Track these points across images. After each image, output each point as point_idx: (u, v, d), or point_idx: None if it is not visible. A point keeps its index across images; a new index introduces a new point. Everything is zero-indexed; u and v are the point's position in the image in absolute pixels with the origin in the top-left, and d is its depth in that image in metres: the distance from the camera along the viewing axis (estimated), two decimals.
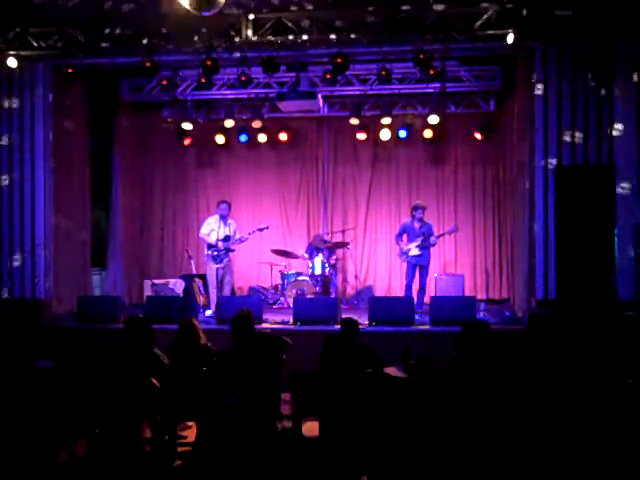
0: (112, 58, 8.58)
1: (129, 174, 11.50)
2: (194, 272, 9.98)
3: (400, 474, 3.44)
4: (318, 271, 9.98)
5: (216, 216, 9.20)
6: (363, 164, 11.59)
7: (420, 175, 11.48)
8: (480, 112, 10.79)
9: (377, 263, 11.57)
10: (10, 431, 4.21)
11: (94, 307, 8.56)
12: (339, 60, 7.95)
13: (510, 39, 7.59)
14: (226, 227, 9.10)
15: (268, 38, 8.07)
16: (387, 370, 5.30)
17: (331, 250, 10.48)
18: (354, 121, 10.62)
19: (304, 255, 10.41)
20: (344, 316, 6.59)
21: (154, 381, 4.74)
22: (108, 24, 8.12)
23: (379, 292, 11.18)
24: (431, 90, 10.21)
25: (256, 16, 7.99)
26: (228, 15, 7.87)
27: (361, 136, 10.97)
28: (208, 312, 9.05)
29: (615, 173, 7.58)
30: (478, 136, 10.55)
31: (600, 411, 4.05)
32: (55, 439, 4.39)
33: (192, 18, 7.54)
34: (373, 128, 10.87)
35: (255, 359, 5.14)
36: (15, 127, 8.82)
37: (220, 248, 8.98)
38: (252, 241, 10.91)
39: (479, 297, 10.21)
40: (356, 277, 11.24)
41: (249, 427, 4.03)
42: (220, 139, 11.11)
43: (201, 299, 9.66)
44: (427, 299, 9.03)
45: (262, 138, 11.17)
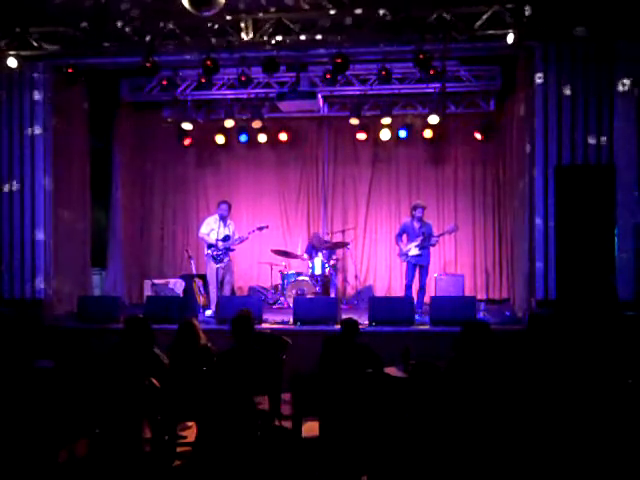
0: (112, 58, 8.58)
1: (129, 174, 11.50)
2: (194, 272, 9.98)
3: (400, 474, 3.44)
4: (318, 271, 9.97)
5: (216, 216, 9.21)
6: (363, 164, 11.59)
7: (420, 175, 11.48)
8: (480, 112, 10.79)
9: (377, 263, 11.57)
10: (10, 431, 4.21)
11: (94, 307, 8.56)
12: (339, 60, 7.95)
13: (510, 39, 7.59)
14: (226, 227, 9.11)
15: (268, 38, 8.07)
16: (387, 370, 5.30)
17: (331, 250, 10.47)
18: (354, 121, 10.62)
19: (303, 255, 10.41)
20: (344, 316, 6.59)
21: (154, 381, 4.74)
22: (108, 24, 8.11)
23: (379, 292, 11.18)
24: (431, 90, 10.21)
25: (256, 16, 7.99)
26: (228, 15, 7.87)
27: (361, 136, 10.97)
28: (208, 312, 9.05)
29: (615, 173, 7.58)
30: (478, 136, 10.55)
31: (600, 411, 4.05)
32: (55, 439, 4.39)
33: (192, 18, 7.59)
34: (373, 128, 10.86)
35: (255, 359, 5.15)
36: (15, 127, 8.82)
37: (220, 248, 8.98)
38: (252, 241, 10.91)
39: (479, 297, 10.21)
40: (356, 277, 11.24)
41: (249, 427, 4.03)
42: (220, 139, 11.11)
43: (201, 299, 9.66)
44: (427, 299, 9.03)
45: (262, 138, 11.17)
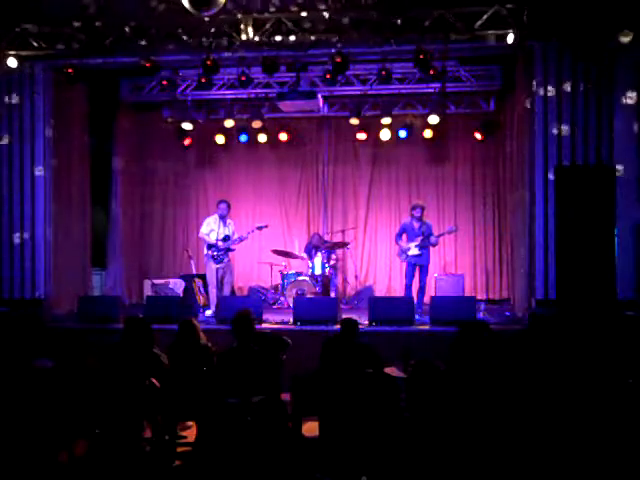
0: (112, 58, 8.58)
1: (129, 174, 11.50)
2: (194, 272, 9.98)
3: (400, 474, 3.44)
4: (318, 271, 9.97)
5: (215, 216, 9.20)
6: (363, 164, 11.60)
7: (420, 175, 11.48)
8: (480, 112, 10.79)
9: (377, 263, 11.57)
10: (10, 431, 4.21)
11: (94, 307, 8.55)
12: (339, 60, 7.96)
13: (510, 39, 7.59)
14: (225, 227, 9.11)
15: (268, 38, 8.07)
16: (387, 370, 5.29)
17: (330, 250, 10.48)
18: (354, 121, 10.62)
19: (302, 255, 10.42)
20: (344, 316, 6.59)
21: (154, 381, 4.74)
22: (108, 24, 8.11)
23: (379, 292, 11.18)
24: (431, 90, 10.22)
25: (256, 16, 7.98)
26: (228, 15, 7.87)
27: (361, 136, 10.97)
28: (208, 312, 9.05)
29: (615, 173, 7.57)
30: (478, 136, 10.56)
31: (600, 411, 4.05)
32: (55, 439, 4.39)
33: (192, 18, 7.59)
34: (373, 128, 10.86)
35: (255, 359, 5.15)
36: (15, 127, 8.82)
37: (220, 248, 8.98)
38: (252, 241, 10.92)
39: (479, 297, 10.22)
40: (356, 277, 11.24)
41: (249, 427, 4.03)
42: (220, 139, 11.10)
43: (201, 299, 9.67)
44: (427, 299, 9.03)
45: (262, 138, 11.17)
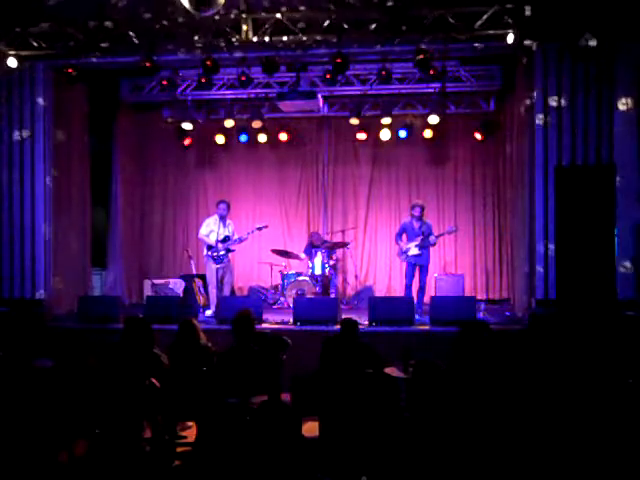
0: (112, 58, 8.57)
1: (129, 174, 11.50)
2: (194, 272, 9.98)
3: (400, 474, 3.44)
4: (318, 271, 9.98)
5: (215, 216, 9.19)
6: (363, 164, 11.60)
7: (420, 175, 11.48)
8: (480, 112, 10.79)
9: (377, 263, 11.57)
10: (10, 431, 4.21)
11: (94, 307, 8.55)
12: (339, 60, 7.95)
13: (510, 39, 7.59)
14: (225, 228, 9.09)
15: (268, 38, 8.07)
16: (387, 370, 5.30)
17: (330, 250, 10.48)
18: (354, 121, 10.62)
19: (300, 255, 10.42)
20: (344, 316, 6.59)
21: (154, 381, 4.74)
22: (108, 24, 8.11)
23: (379, 292, 11.18)
24: (431, 90, 10.21)
25: (256, 16, 7.98)
26: (228, 15, 7.87)
27: (361, 136, 10.98)
28: (208, 312, 9.05)
29: (615, 173, 7.57)
30: (478, 136, 10.57)
31: (600, 411, 4.05)
32: (55, 439, 4.39)
33: (192, 18, 7.59)
34: (373, 128, 10.86)
35: (255, 359, 5.15)
36: (15, 127, 8.82)
37: (220, 249, 8.97)
38: (252, 241, 10.91)
39: (479, 297, 10.21)
40: (356, 277, 11.25)
41: (249, 427, 4.03)
42: (220, 139, 11.10)
43: (201, 299, 9.66)
44: (427, 299, 9.03)
45: (262, 138, 11.17)
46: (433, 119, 10.08)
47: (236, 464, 3.19)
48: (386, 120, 10.51)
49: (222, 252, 8.97)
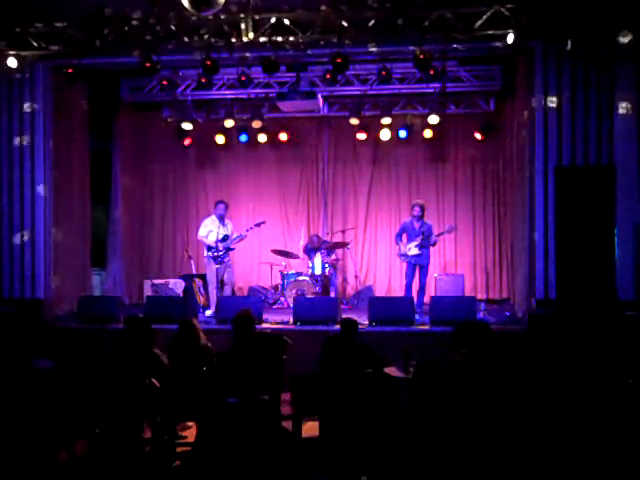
0: (112, 58, 8.58)
1: (129, 174, 11.50)
2: (194, 272, 9.98)
3: (400, 474, 3.44)
4: (318, 271, 9.97)
5: (213, 217, 9.19)
6: (363, 164, 11.59)
7: (420, 175, 11.48)
8: (480, 112, 10.79)
9: (377, 263, 11.57)
10: (10, 431, 4.21)
11: (94, 307, 8.55)
12: (339, 60, 7.94)
13: (510, 39, 7.59)
14: (224, 227, 9.08)
15: (268, 38, 8.07)
16: (387, 370, 5.30)
17: (329, 250, 10.48)
18: (354, 121, 10.62)
19: (299, 255, 10.42)
20: (344, 316, 6.59)
21: (154, 381, 4.74)
22: (108, 24, 8.11)
23: (379, 292, 11.18)
24: (431, 90, 10.20)
25: (256, 16, 7.98)
26: (228, 15, 7.86)
27: (361, 136, 10.97)
28: (208, 312, 9.05)
29: (615, 173, 7.58)
30: (478, 136, 10.57)
31: (600, 411, 4.05)
32: (55, 439, 4.39)
33: (192, 18, 7.60)
34: (373, 128, 10.86)
35: (255, 359, 5.15)
36: (15, 127, 8.82)
37: (220, 249, 8.97)
38: (252, 241, 10.92)
39: (479, 297, 10.22)
40: (356, 277, 11.24)
41: (249, 427, 4.03)
42: (220, 139, 11.10)
43: (201, 299, 9.66)
44: (427, 299, 9.03)
45: (262, 138, 11.17)
46: (433, 119, 10.08)
47: (236, 464, 3.20)
48: (386, 120, 10.51)
49: (222, 252, 8.97)
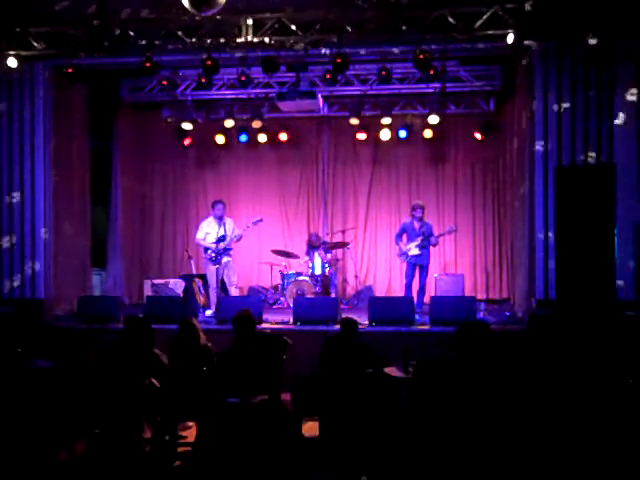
0: (112, 58, 8.57)
1: (129, 174, 11.50)
2: (194, 272, 9.97)
3: (400, 474, 3.44)
4: (318, 271, 9.97)
5: (210, 218, 9.15)
6: (363, 164, 11.59)
7: (420, 175, 11.48)
8: (480, 112, 10.78)
9: (377, 263, 11.57)
10: (10, 431, 4.21)
11: (94, 307, 8.55)
12: (339, 60, 7.95)
13: (510, 39, 7.59)
14: (221, 228, 9.03)
15: (268, 38, 8.06)
16: (387, 370, 5.30)
17: (328, 250, 10.47)
18: (354, 121, 10.62)
19: (303, 258, 10.41)
20: (344, 316, 6.59)
21: (154, 381, 4.74)
22: (108, 24, 8.11)
23: (379, 292, 11.18)
24: (431, 90, 10.20)
25: (256, 16, 7.98)
26: (228, 15, 7.86)
27: (361, 136, 10.97)
28: (208, 312, 9.04)
29: (615, 173, 7.57)
30: (478, 136, 10.57)
31: (600, 411, 4.05)
32: (55, 439, 4.39)
33: (192, 18, 7.59)
34: (373, 128, 10.86)
35: (255, 359, 5.14)
36: (15, 127, 8.82)
37: (218, 249, 8.94)
38: (252, 241, 10.92)
39: (479, 297, 10.21)
40: (356, 277, 11.24)
41: (249, 427, 4.03)
42: (220, 139, 11.10)
43: (201, 299, 9.65)
44: (427, 299, 9.03)
45: (262, 138, 11.17)
46: (433, 119, 10.08)
47: (236, 464, 3.19)
48: (386, 120, 10.50)
49: (219, 252, 8.94)
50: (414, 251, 9.08)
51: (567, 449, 3.67)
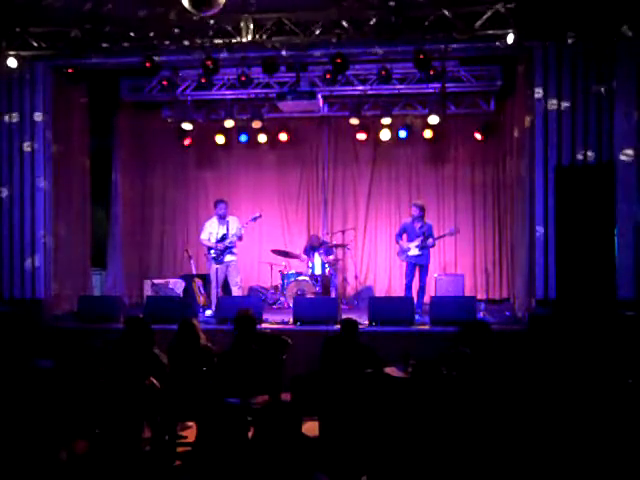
0: (112, 58, 8.57)
1: (129, 174, 11.49)
2: (194, 272, 9.97)
3: (400, 474, 3.44)
4: (318, 271, 9.98)
5: (213, 218, 9.18)
6: (363, 164, 11.60)
7: (420, 175, 11.48)
8: (480, 112, 10.78)
9: (377, 263, 11.57)
10: (10, 431, 4.21)
11: (94, 307, 8.56)
12: (339, 60, 7.95)
13: (510, 39, 7.59)
14: (222, 227, 9.04)
15: (268, 38, 8.07)
16: (387, 370, 5.30)
17: (328, 250, 10.48)
18: (354, 121, 10.62)
19: (302, 256, 10.41)
20: (344, 316, 6.59)
21: (154, 381, 4.74)
22: (108, 24, 8.11)
23: (379, 292, 11.18)
24: (431, 90, 10.20)
25: (256, 16, 7.99)
26: (228, 15, 7.86)
27: (361, 136, 10.97)
28: (208, 312, 9.04)
29: (615, 173, 7.57)
30: (478, 136, 10.57)
31: (600, 411, 4.05)
32: (55, 439, 4.39)
33: (192, 18, 7.59)
34: (373, 128, 10.86)
35: (255, 359, 5.15)
36: (15, 127, 8.81)
37: (220, 248, 8.95)
38: (252, 241, 10.92)
39: (479, 297, 10.20)
40: (356, 277, 11.25)
41: (249, 427, 4.02)
42: (220, 139, 11.10)
43: (201, 299, 9.66)
44: (427, 299, 9.03)
45: (262, 138, 11.17)
46: (433, 119, 10.08)
47: (236, 464, 3.19)
48: (386, 120, 10.50)
49: (221, 250, 8.94)
50: (414, 251, 9.08)
51: (567, 448, 3.67)
